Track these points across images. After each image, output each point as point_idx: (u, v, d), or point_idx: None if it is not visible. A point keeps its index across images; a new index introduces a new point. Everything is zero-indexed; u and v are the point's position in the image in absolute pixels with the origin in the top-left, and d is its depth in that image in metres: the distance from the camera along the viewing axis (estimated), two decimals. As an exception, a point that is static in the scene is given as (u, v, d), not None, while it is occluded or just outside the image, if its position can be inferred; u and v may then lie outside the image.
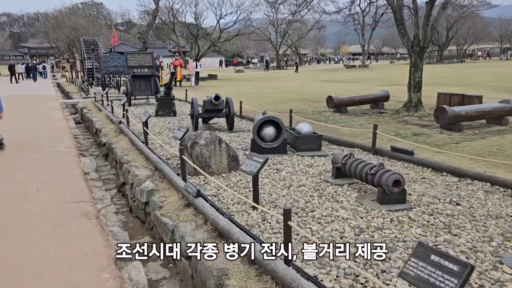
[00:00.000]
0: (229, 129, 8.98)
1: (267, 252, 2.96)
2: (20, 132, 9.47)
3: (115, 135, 9.41)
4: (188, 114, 9.23)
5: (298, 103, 13.93)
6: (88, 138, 11.66)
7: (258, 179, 4.16)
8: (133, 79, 14.05)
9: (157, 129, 9.38)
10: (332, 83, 25.66)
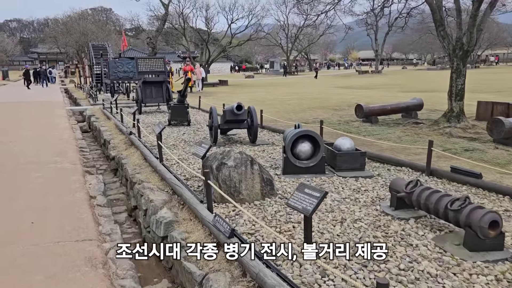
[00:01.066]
0: (251, 142, 8.06)
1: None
2: (22, 143, 8.64)
3: (125, 147, 8.54)
4: (206, 125, 8.32)
5: (320, 111, 12.98)
6: (96, 149, 10.82)
7: (311, 219, 3.22)
8: (143, 86, 13.22)
9: (171, 141, 8.49)
10: (349, 89, 24.68)
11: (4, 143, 8.55)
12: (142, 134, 8.83)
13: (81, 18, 66.26)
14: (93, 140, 12.21)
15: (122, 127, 10.32)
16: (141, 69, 13.39)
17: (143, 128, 9.32)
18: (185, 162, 6.58)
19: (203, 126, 10.58)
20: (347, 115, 11.88)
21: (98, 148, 10.98)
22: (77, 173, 6.18)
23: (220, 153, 4.89)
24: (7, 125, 11.62)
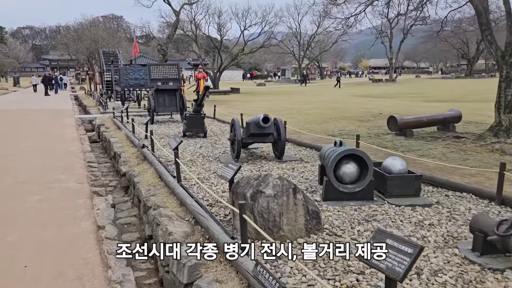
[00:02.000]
0: (277, 158, 7.22)
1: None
2: (25, 157, 7.91)
3: (137, 162, 7.75)
4: (228, 139, 7.50)
5: (345, 122, 12.11)
6: (105, 161, 10.06)
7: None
8: (156, 94, 12.48)
9: (188, 155, 7.68)
10: (367, 98, 23.78)
11: (5, 156, 7.83)
12: (155, 147, 8.05)
13: (92, 26, 66.49)
14: (103, 151, 11.46)
15: (133, 138, 9.56)
16: (154, 76, 12.66)
17: (157, 140, 8.54)
18: (206, 182, 5.76)
19: (221, 138, 9.79)
20: (375, 127, 11.00)
21: (108, 160, 10.22)
22: (84, 195, 5.39)
23: (255, 178, 4.04)
24: (12, 135, 10.94)
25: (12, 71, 74.31)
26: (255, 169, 6.51)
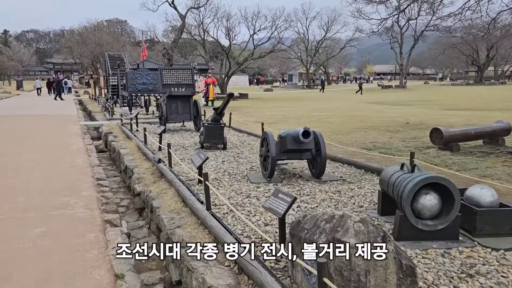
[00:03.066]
0: (315, 177, 6.25)
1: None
2: (26, 173, 6.95)
3: (153, 179, 6.79)
4: (260, 155, 6.53)
5: (374, 133, 11.14)
6: (114, 175, 9.12)
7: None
8: (168, 100, 11.55)
9: (211, 172, 6.71)
10: (383, 105, 22.81)
11: (3, 172, 6.88)
12: (173, 160, 7.10)
13: (97, 29, 65.99)
14: (110, 162, 10.52)
15: (146, 150, 8.61)
16: (166, 81, 11.72)
17: (173, 152, 7.59)
18: (240, 209, 4.79)
19: (243, 151, 8.83)
20: (409, 139, 10.02)
21: (117, 174, 9.28)
22: (95, 226, 4.42)
23: (325, 218, 3.06)
24: (12, 145, 10.00)
25: (15, 74, 73.77)
26: (294, 191, 5.55)
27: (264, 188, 5.72)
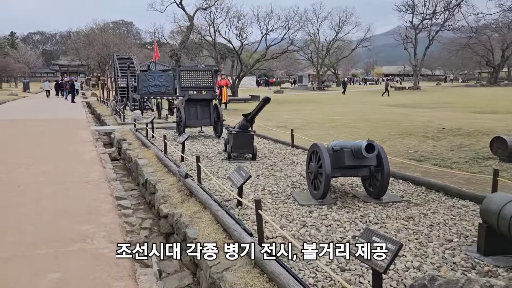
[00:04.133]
0: (373, 197, 5.29)
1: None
2: (34, 192, 6.03)
3: (181, 198, 5.87)
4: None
5: (413, 140, 10.16)
6: (131, 188, 8.21)
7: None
8: (187, 104, 10.64)
9: (248, 191, 5.78)
10: (405, 108, 21.80)
11: (9, 189, 5.98)
12: (201, 173, 6.17)
13: (103, 31, 65.55)
14: (126, 173, 9.63)
15: (167, 161, 7.69)
16: (185, 84, 10.81)
17: (201, 165, 6.66)
18: (299, 243, 3.83)
19: (274, 161, 7.90)
20: (456, 147, 9.04)
21: (134, 186, 8.38)
22: (123, 270, 3.49)
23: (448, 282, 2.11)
24: (19, 154, 9.12)
25: (22, 76, 73.42)
26: (355, 217, 4.60)
27: (318, 213, 4.77)
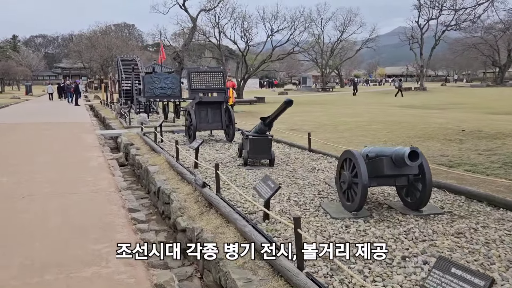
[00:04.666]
0: (412, 209, 4.81)
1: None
2: (42, 206, 5.54)
3: (199, 209, 5.40)
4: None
5: (435, 143, 9.67)
6: (141, 196, 7.75)
7: None
8: (198, 107, 10.19)
9: (273, 201, 5.29)
10: (417, 109, 21.31)
11: (12, 201, 5.52)
12: (219, 182, 5.70)
13: (105, 34, 65.34)
14: (134, 179, 9.17)
15: (180, 168, 7.22)
16: (195, 86, 10.36)
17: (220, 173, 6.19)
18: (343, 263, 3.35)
19: (294, 167, 7.43)
20: (483, 150, 8.55)
21: (144, 194, 7.92)
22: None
23: None
24: (22, 161, 8.67)
25: (24, 79, 73.18)
26: (398, 232, 4.12)
27: (356, 228, 4.29)
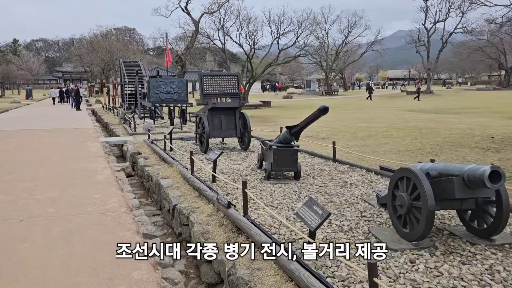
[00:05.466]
0: (480, 236, 4.06)
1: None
2: (43, 232, 4.75)
3: (225, 234, 4.65)
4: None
5: (469, 152, 8.91)
6: (152, 212, 7.00)
7: None
8: (210, 113, 9.45)
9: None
10: (431, 114, 20.55)
11: (9, 227, 4.74)
12: (247, 202, 4.94)
13: (106, 37, 64.87)
14: (143, 192, 8.42)
15: (198, 183, 6.45)
16: (208, 90, 9.63)
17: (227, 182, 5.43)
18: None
19: (322, 180, 6.68)
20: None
21: (155, 210, 7.17)
22: None
23: None
24: (21, 174, 7.90)
25: (25, 83, 72.60)
26: (480, 273, 3.37)
27: (423, 264, 3.53)
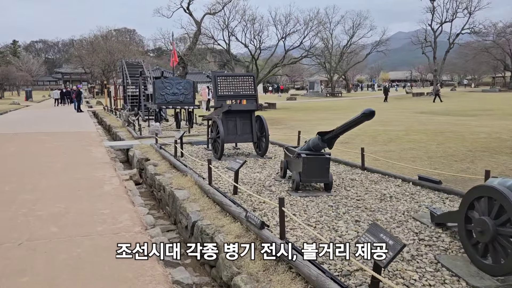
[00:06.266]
0: None
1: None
2: (45, 260, 3.99)
3: (262, 263, 3.92)
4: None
5: (508, 159, 8.22)
6: (166, 228, 6.28)
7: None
8: (225, 117, 8.75)
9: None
10: (441, 116, 19.86)
11: (6, 251, 4.02)
12: (284, 224, 4.23)
13: (106, 38, 64.33)
14: (153, 202, 7.70)
15: (219, 196, 5.72)
16: (222, 92, 8.93)
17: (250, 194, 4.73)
18: None
19: (356, 192, 5.98)
20: None
21: (168, 224, 6.46)
22: None
23: None
24: (20, 184, 7.16)
25: (24, 84, 71.90)
26: None
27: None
